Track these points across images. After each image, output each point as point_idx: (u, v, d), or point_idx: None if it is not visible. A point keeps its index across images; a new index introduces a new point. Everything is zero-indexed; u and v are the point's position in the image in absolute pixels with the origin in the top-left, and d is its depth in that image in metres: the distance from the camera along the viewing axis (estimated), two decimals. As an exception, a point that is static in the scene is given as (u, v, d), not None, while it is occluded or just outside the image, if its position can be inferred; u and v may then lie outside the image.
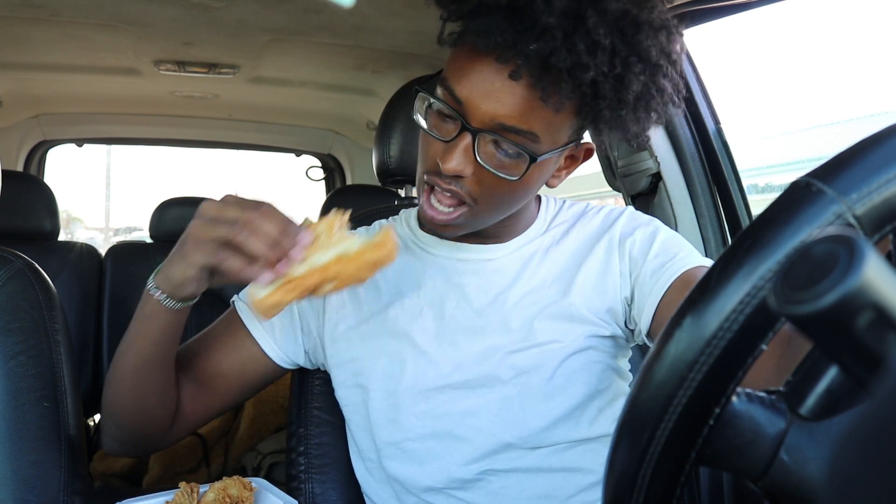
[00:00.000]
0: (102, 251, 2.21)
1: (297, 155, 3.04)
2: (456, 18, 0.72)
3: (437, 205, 0.75)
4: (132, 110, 2.49)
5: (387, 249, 0.64)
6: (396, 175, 1.09)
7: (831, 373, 0.34)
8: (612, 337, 0.83)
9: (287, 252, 0.62)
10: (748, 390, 0.36)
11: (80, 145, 2.77)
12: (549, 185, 0.81)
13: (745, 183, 1.34)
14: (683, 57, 0.76)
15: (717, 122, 1.33)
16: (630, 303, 0.82)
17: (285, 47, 1.71)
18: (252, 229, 0.62)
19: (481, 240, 0.85)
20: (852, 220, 0.31)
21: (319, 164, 3.01)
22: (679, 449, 0.35)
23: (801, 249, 0.29)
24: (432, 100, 0.73)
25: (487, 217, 0.77)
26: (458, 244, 0.85)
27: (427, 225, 0.78)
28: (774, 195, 0.34)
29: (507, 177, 0.71)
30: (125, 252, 2.24)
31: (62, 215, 2.20)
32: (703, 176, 1.33)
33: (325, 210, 2.31)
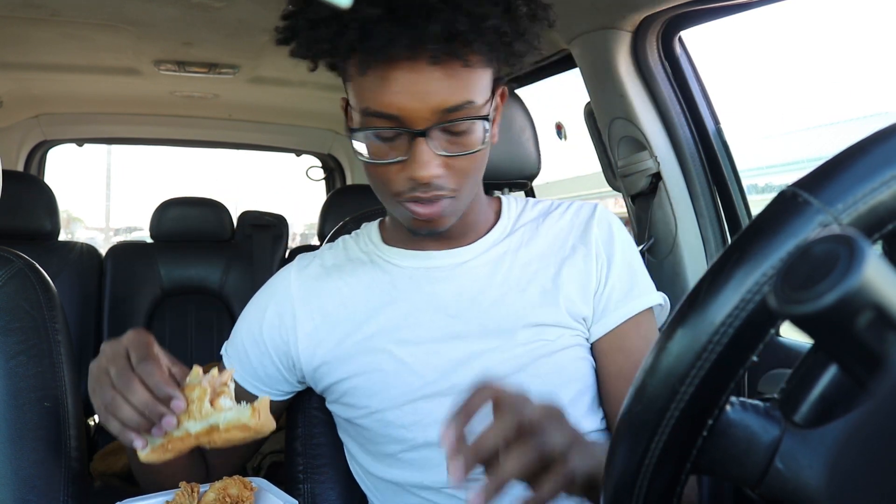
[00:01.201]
0: (103, 251, 2.21)
1: (297, 155, 3.04)
2: (340, 54, 0.71)
3: (425, 206, 0.75)
4: (132, 110, 2.49)
5: (259, 424, 0.64)
6: (396, 175, 1.09)
7: (825, 380, 0.34)
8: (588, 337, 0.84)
9: (160, 417, 0.63)
10: (742, 399, 0.36)
11: (80, 145, 2.77)
12: (491, 142, 0.80)
13: (745, 183, 1.34)
14: (683, 55, 0.77)
15: (717, 122, 1.33)
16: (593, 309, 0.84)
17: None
18: (125, 395, 0.63)
19: (446, 243, 0.85)
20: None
21: (319, 164, 3.02)
22: (674, 459, 0.35)
23: (801, 249, 0.29)
24: (372, 131, 0.72)
25: (468, 194, 0.78)
26: (426, 252, 0.85)
27: (422, 228, 0.78)
28: (774, 195, 0.34)
29: (471, 151, 0.73)
30: (125, 252, 2.24)
31: (62, 215, 2.20)
32: (703, 176, 1.33)
33: (326, 210, 2.31)
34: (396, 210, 0.77)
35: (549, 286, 0.82)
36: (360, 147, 0.74)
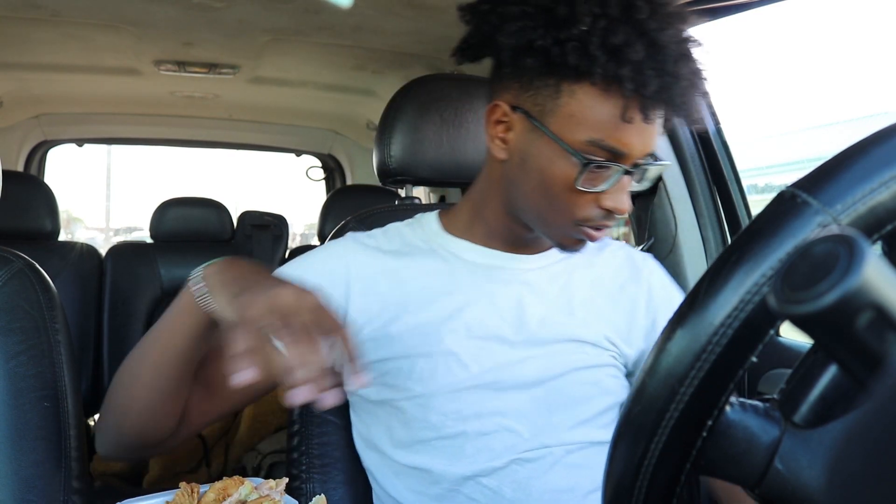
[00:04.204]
0: (103, 251, 2.21)
1: (298, 155, 3.04)
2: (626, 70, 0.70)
3: (600, 233, 0.79)
4: (132, 110, 2.49)
5: None
6: (397, 175, 1.09)
7: (825, 380, 0.34)
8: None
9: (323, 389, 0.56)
10: (742, 399, 0.36)
11: (80, 145, 2.77)
12: None
13: (745, 183, 1.34)
14: None
15: (717, 122, 1.33)
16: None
17: (285, 47, 1.71)
18: (305, 347, 0.56)
19: (514, 248, 0.87)
20: None
21: (319, 164, 3.02)
22: (674, 460, 0.35)
23: (801, 249, 0.29)
24: (594, 164, 0.73)
25: None
26: (491, 250, 0.86)
27: (578, 248, 0.81)
28: (774, 195, 0.34)
29: (641, 188, 0.81)
30: (125, 252, 2.24)
31: (62, 215, 2.20)
32: (703, 176, 1.33)
33: (326, 210, 2.31)
34: (567, 231, 0.79)
35: (596, 314, 0.86)
36: (570, 170, 0.74)
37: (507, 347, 0.82)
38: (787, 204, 0.33)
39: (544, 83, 0.74)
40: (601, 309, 0.86)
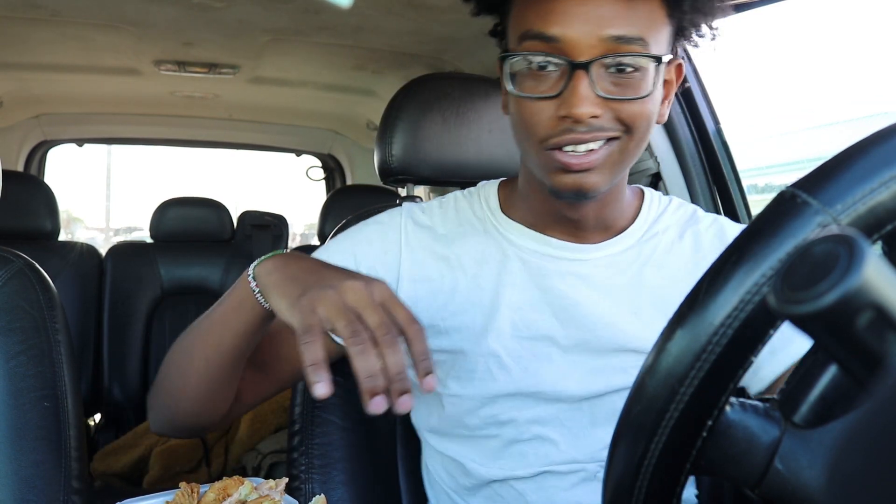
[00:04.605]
0: (103, 251, 2.21)
1: (298, 155, 3.04)
2: None
3: (577, 149, 0.65)
4: (132, 110, 2.49)
5: None
6: (398, 174, 1.09)
7: (824, 380, 0.34)
8: None
9: (402, 392, 0.53)
10: (742, 399, 0.36)
11: (80, 145, 2.77)
12: (658, 122, 0.71)
13: (745, 183, 1.34)
14: (683, 55, 0.75)
15: (717, 122, 1.33)
16: None
17: (285, 47, 1.71)
18: (384, 347, 0.53)
19: (573, 235, 0.76)
20: None
21: (319, 164, 3.02)
22: (674, 460, 0.35)
23: (801, 249, 0.29)
24: (526, 55, 0.64)
25: (631, 153, 0.68)
26: (545, 237, 0.76)
27: (568, 189, 0.67)
28: (774, 195, 0.34)
29: (638, 96, 0.64)
30: (126, 252, 2.25)
31: (62, 215, 2.20)
32: (703, 176, 1.33)
33: (326, 210, 2.31)
34: (540, 160, 0.68)
35: (668, 314, 0.77)
36: (508, 81, 0.66)
37: (557, 350, 0.75)
38: (787, 204, 0.33)
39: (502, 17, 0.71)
40: (673, 310, 0.77)
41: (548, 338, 0.75)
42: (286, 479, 0.66)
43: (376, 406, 0.52)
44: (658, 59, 0.65)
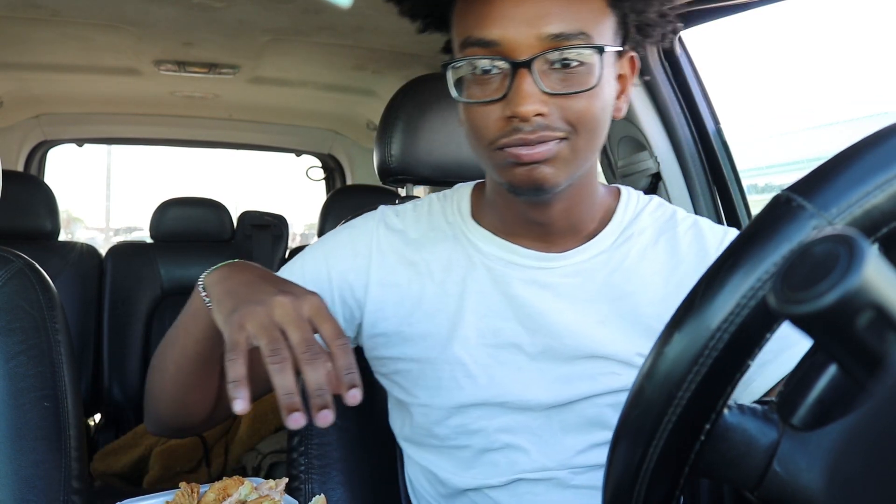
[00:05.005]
0: (103, 251, 2.21)
1: (298, 155, 3.04)
2: None
3: (531, 148, 0.65)
4: (132, 110, 2.49)
5: None
6: (398, 174, 1.09)
7: (822, 382, 0.34)
8: None
9: (323, 407, 0.54)
10: (740, 402, 0.36)
11: (80, 145, 2.77)
12: (615, 117, 0.71)
13: (745, 183, 1.34)
14: (683, 55, 0.75)
15: (716, 122, 1.33)
16: None
17: (285, 47, 1.71)
18: (303, 363, 0.54)
19: (541, 242, 0.76)
20: None
21: (319, 164, 3.02)
22: (672, 464, 0.35)
23: (801, 249, 0.29)
24: (469, 61, 0.65)
25: (584, 148, 0.67)
26: (512, 244, 0.76)
27: (525, 184, 0.67)
28: (770, 198, 0.34)
29: (584, 88, 0.64)
30: (126, 252, 2.25)
31: (62, 215, 2.20)
32: (703, 176, 1.33)
33: (326, 210, 2.31)
34: (493, 161, 0.68)
35: (635, 323, 0.73)
36: (454, 89, 0.67)
37: (524, 358, 0.75)
38: (783, 208, 0.33)
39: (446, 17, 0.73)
40: (645, 317, 0.73)
41: (514, 345, 0.75)
42: (286, 480, 0.66)
43: (295, 421, 0.53)
44: (600, 49, 0.64)
